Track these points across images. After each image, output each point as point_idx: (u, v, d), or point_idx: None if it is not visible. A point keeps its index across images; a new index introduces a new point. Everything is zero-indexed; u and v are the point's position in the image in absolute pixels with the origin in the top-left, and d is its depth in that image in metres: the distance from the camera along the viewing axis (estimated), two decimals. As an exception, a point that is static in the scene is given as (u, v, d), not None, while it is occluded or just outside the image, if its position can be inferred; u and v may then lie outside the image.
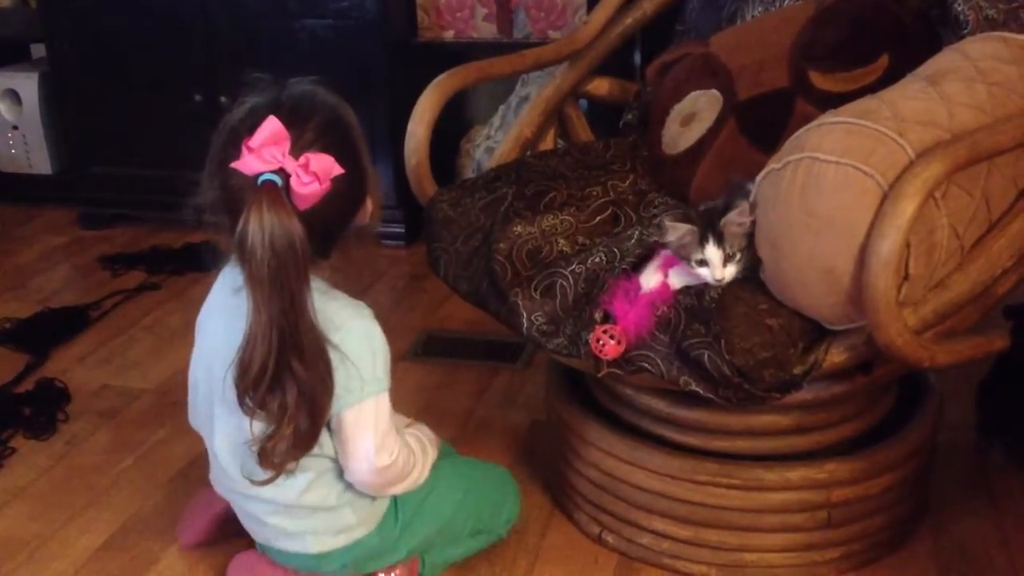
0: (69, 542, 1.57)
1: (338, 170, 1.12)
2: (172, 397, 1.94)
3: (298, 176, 1.09)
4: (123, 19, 2.75)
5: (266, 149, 1.09)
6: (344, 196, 1.17)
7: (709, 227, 1.24)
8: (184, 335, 1.34)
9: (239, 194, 1.11)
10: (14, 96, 2.97)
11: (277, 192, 1.09)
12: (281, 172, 1.09)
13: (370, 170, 1.23)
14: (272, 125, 1.09)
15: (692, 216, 1.28)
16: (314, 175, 1.10)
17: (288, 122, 1.10)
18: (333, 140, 1.15)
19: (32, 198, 3.06)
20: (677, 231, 1.25)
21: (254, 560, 1.40)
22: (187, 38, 2.70)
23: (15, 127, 2.99)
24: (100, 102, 2.82)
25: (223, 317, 1.21)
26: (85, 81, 2.82)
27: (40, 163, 3.02)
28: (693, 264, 1.25)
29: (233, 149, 1.11)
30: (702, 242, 1.23)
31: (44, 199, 3.04)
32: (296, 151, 1.11)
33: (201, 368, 1.30)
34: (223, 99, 2.58)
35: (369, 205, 1.24)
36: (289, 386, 1.14)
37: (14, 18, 2.97)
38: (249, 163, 1.09)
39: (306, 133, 1.13)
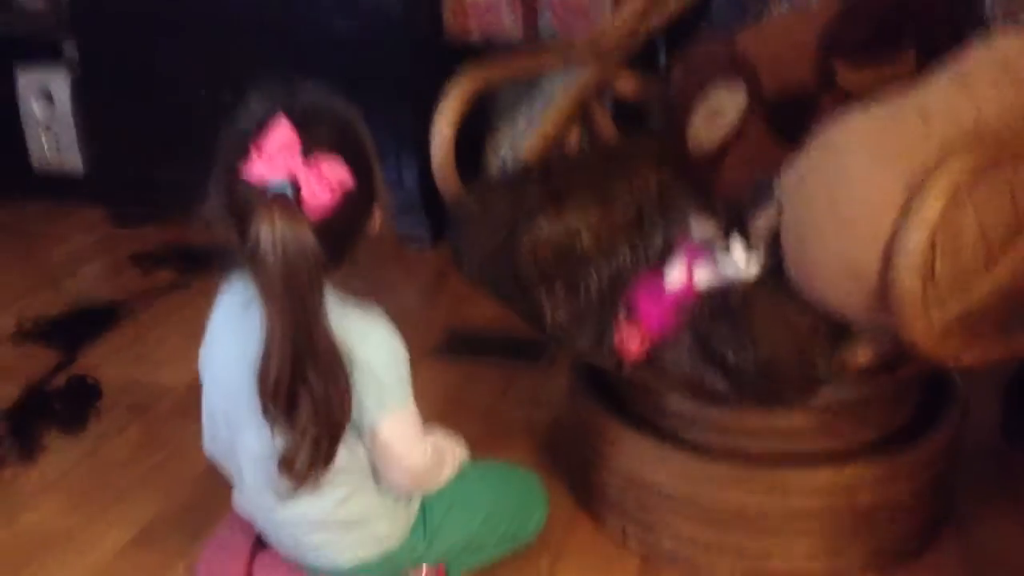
0: (99, 537, 1.59)
1: (348, 177, 1.10)
2: (200, 394, 1.95)
3: (309, 185, 1.07)
4: (151, 19, 2.78)
5: (276, 154, 1.06)
6: (354, 205, 1.13)
7: (735, 222, 1.23)
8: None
9: (247, 202, 1.07)
10: (46, 95, 3.01)
11: (288, 201, 1.06)
12: (291, 178, 1.07)
13: (380, 180, 1.20)
14: (283, 129, 1.07)
15: (718, 211, 1.28)
16: (326, 183, 1.07)
17: (299, 126, 1.08)
18: (344, 146, 1.12)
19: (64, 197, 3.09)
20: (704, 228, 1.24)
21: (280, 564, 1.40)
22: (214, 37, 2.72)
23: (47, 126, 3.03)
24: (130, 101, 2.85)
25: (234, 335, 1.19)
26: (115, 80, 2.86)
27: (72, 162, 3.05)
28: (718, 260, 1.24)
29: (241, 154, 1.07)
30: (727, 237, 1.23)
31: (76, 198, 3.07)
32: (307, 155, 1.08)
33: (217, 394, 1.28)
34: (256, 92, 2.59)
35: (378, 214, 1.21)
36: (304, 398, 1.12)
37: (46, 18, 3.01)
38: (258, 169, 1.06)
39: (316, 138, 1.09)
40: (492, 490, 1.44)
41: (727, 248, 1.23)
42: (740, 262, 1.23)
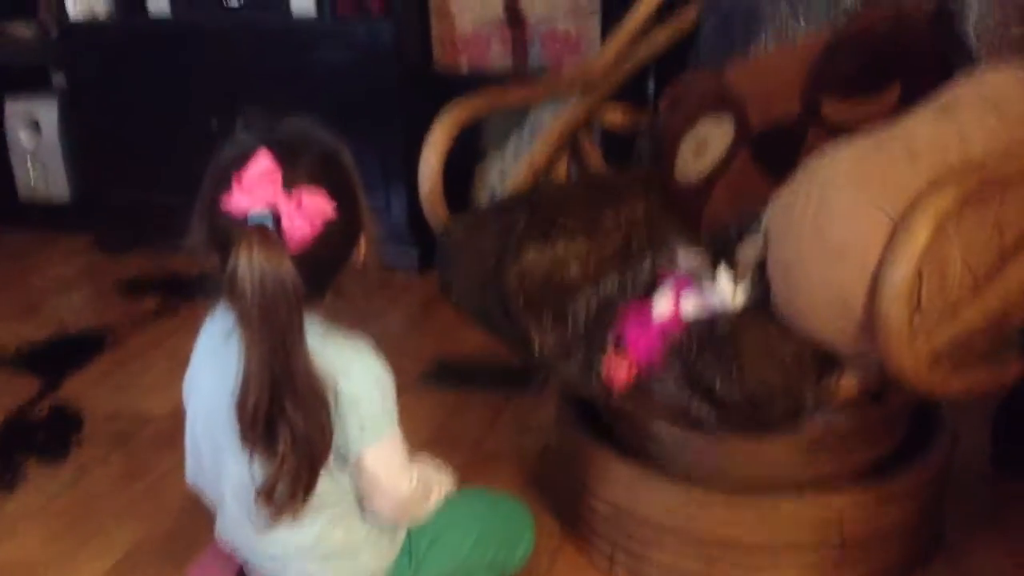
0: (79, 567, 1.57)
1: (330, 209, 1.09)
2: (183, 423, 1.94)
3: (289, 216, 1.06)
4: (140, 48, 2.79)
5: (257, 184, 1.05)
6: (337, 235, 1.12)
7: (721, 253, 1.24)
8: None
9: (228, 233, 1.06)
10: (33, 124, 3.01)
11: (267, 232, 1.05)
12: (272, 208, 1.06)
13: (365, 210, 1.19)
14: (263, 160, 1.06)
15: (704, 243, 1.28)
16: (306, 215, 1.07)
17: (280, 157, 1.07)
18: (327, 177, 1.11)
19: (50, 224, 3.09)
20: (690, 259, 1.25)
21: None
22: (203, 66, 2.73)
23: (34, 154, 3.03)
24: (117, 129, 2.86)
25: (216, 365, 1.18)
26: (103, 109, 2.86)
27: (58, 190, 3.05)
28: (705, 291, 1.24)
29: (223, 186, 1.07)
30: (714, 267, 1.23)
31: (62, 225, 3.07)
32: (288, 187, 1.07)
33: (200, 423, 1.27)
34: (240, 123, 2.60)
35: (363, 244, 1.20)
36: (283, 430, 1.11)
37: (34, 47, 3.02)
38: (239, 199, 1.06)
39: (299, 169, 1.08)
40: (479, 519, 1.42)
41: (714, 279, 1.23)
42: (727, 293, 1.23)
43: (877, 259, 1.11)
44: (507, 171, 2.74)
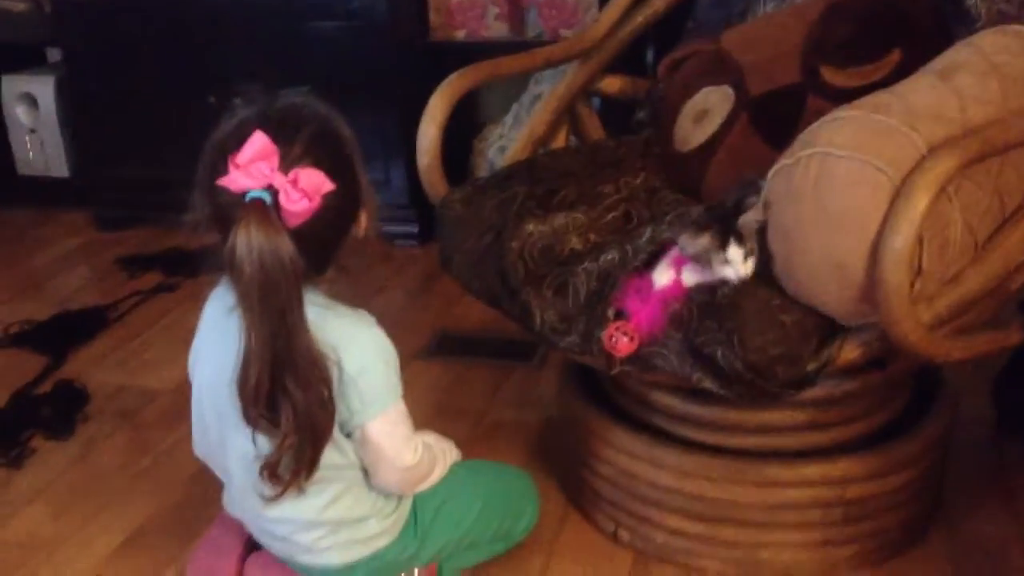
0: (88, 542, 1.58)
1: (328, 185, 1.09)
2: (188, 398, 1.95)
3: (287, 193, 1.06)
4: (136, 22, 2.77)
5: (253, 165, 1.05)
6: (337, 210, 1.13)
7: (727, 229, 1.23)
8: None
9: (228, 211, 1.07)
10: (31, 100, 3.00)
11: (265, 209, 1.05)
12: (269, 188, 1.06)
13: (364, 182, 1.19)
14: (259, 140, 1.06)
15: (705, 222, 1.26)
16: (303, 192, 1.07)
17: (276, 136, 1.07)
18: (324, 153, 1.11)
19: (49, 201, 3.08)
20: (696, 242, 1.23)
21: (271, 564, 1.39)
22: (199, 40, 2.71)
23: (32, 130, 3.02)
24: (115, 105, 2.84)
25: (220, 338, 1.18)
26: (100, 85, 2.85)
27: (57, 166, 3.04)
28: (715, 267, 1.23)
29: (221, 165, 1.07)
30: (723, 245, 1.22)
31: (61, 202, 3.07)
32: (285, 166, 1.07)
33: (206, 395, 1.27)
34: (236, 101, 2.59)
35: (364, 218, 1.20)
36: (285, 406, 1.12)
37: (29, 23, 2.99)
38: (236, 179, 1.06)
39: (295, 147, 1.09)
40: (484, 489, 1.44)
41: (725, 252, 1.22)
42: (738, 265, 1.22)
43: (877, 225, 1.11)
44: (506, 142, 2.73)
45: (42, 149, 3.03)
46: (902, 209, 1.09)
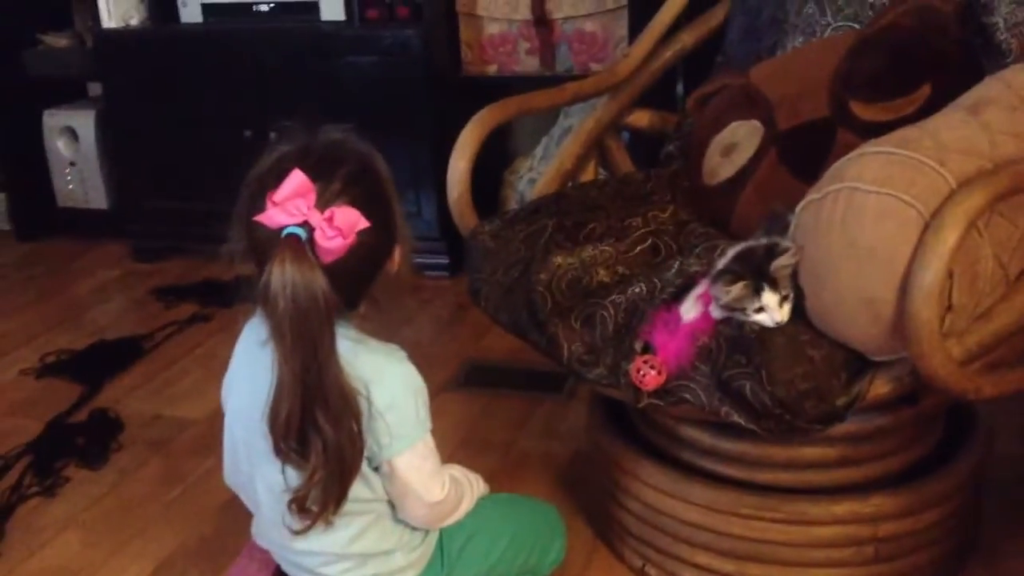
0: (119, 571, 1.60)
1: (364, 223, 1.10)
2: (220, 427, 1.96)
3: (322, 230, 1.07)
4: (174, 58, 2.83)
5: (290, 202, 1.07)
6: (371, 247, 1.14)
7: (761, 275, 1.22)
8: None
9: (264, 245, 1.09)
10: (71, 133, 3.07)
11: (300, 245, 1.07)
12: (305, 225, 1.08)
13: (399, 220, 1.20)
14: (297, 178, 1.07)
15: (737, 269, 1.25)
16: (338, 229, 1.08)
17: (314, 174, 1.08)
18: (360, 191, 1.12)
19: (88, 232, 3.14)
20: (731, 292, 1.22)
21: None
22: (236, 76, 2.77)
23: (72, 163, 3.09)
24: (153, 139, 2.90)
25: (253, 370, 1.19)
26: (139, 119, 2.91)
27: (96, 198, 3.11)
28: (751, 314, 1.22)
29: (259, 200, 1.09)
30: (757, 291, 1.21)
31: (100, 233, 3.13)
32: (321, 204, 1.09)
33: (238, 425, 1.29)
34: (272, 135, 2.64)
35: (398, 255, 1.21)
36: (315, 440, 1.13)
37: (71, 58, 3.07)
38: (273, 216, 1.08)
39: (332, 185, 1.10)
40: (511, 522, 1.43)
41: (759, 299, 1.21)
42: (774, 312, 1.21)
43: (907, 260, 1.11)
44: (536, 175, 2.75)
45: (82, 181, 3.09)
46: (932, 244, 1.08)
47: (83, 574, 1.59)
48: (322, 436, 1.12)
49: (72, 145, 3.08)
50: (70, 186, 3.11)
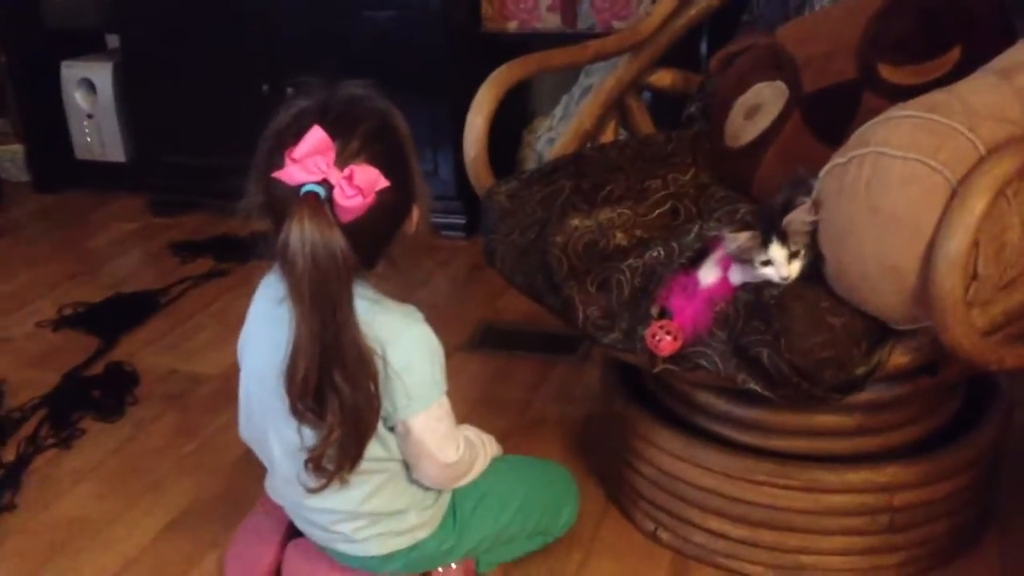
0: (134, 524, 1.61)
1: (383, 182, 1.09)
2: (235, 383, 1.96)
3: (341, 188, 1.06)
4: (192, 11, 2.80)
5: (309, 159, 1.06)
6: (390, 207, 1.13)
7: (771, 227, 1.21)
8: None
9: (282, 203, 1.08)
10: (89, 85, 3.05)
11: (319, 203, 1.06)
12: (324, 183, 1.07)
13: (418, 180, 1.19)
14: (316, 135, 1.06)
15: (749, 220, 1.25)
16: (358, 188, 1.06)
17: (333, 131, 1.07)
18: (380, 150, 1.11)
19: (105, 185, 3.14)
20: (737, 240, 1.21)
21: (312, 551, 1.41)
22: (254, 30, 2.74)
23: (90, 116, 3.08)
24: (170, 92, 2.89)
25: (269, 328, 1.19)
26: (156, 71, 2.89)
27: (113, 151, 3.10)
28: (757, 265, 1.21)
29: (277, 156, 1.08)
30: (765, 243, 1.20)
31: (117, 186, 3.12)
32: (341, 161, 1.07)
33: (253, 382, 1.29)
34: (289, 90, 2.62)
35: (416, 215, 1.21)
36: (331, 400, 1.13)
37: (89, 9, 3.05)
38: (292, 173, 1.06)
39: (352, 142, 1.09)
40: (523, 484, 1.43)
41: (766, 251, 1.20)
42: (781, 266, 1.20)
43: (932, 227, 1.08)
44: (555, 135, 2.72)
45: (99, 134, 3.09)
46: (959, 212, 1.06)
47: (98, 526, 1.61)
48: (339, 396, 1.12)
49: (90, 97, 3.06)
50: (87, 138, 3.11)
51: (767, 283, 1.22)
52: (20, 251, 2.78)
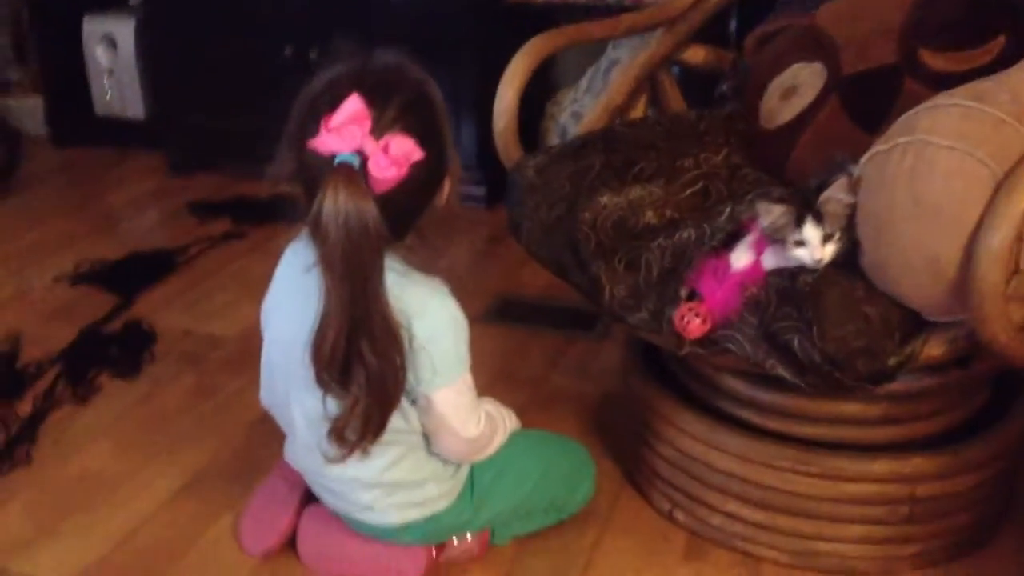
0: (148, 483, 1.61)
1: (418, 154, 1.08)
2: (253, 346, 1.96)
3: (376, 159, 1.05)
4: (219, -31, 2.78)
5: (345, 128, 1.05)
6: (423, 179, 1.12)
7: (806, 206, 1.19)
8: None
9: (315, 171, 1.07)
10: (110, 41, 3.03)
11: (353, 174, 1.05)
12: (359, 153, 1.05)
13: (451, 152, 1.18)
14: (353, 104, 1.05)
15: (786, 197, 1.23)
16: (393, 159, 1.05)
17: (370, 100, 1.06)
18: (416, 121, 1.09)
19: (124, 142, 3.13)
20: (772, 213, 1.20)
21: (327, 517, 1.41)
22: (279, -8, 2.71)
23: (111, 71, 3.06)
24: (192, 51, 2.86)
25: (295, 296, 1.18)
26: (178, 29, 2.87)
27: (133, 108, 3.08)
28: (790, 246, 1.20)
29: (312, 124, 1.07)
30: (799, 222, 1.19)
31: (136, 143, 3.11)
32: (377, 132, 1.06)
33: (277, 350, 1.29)
34: (312, 54, 2.59)
35: (447, 188, 1.19)
36: (358, 370, 1.12)
37: (113, -37, 3.02)
38: (327, 142, 1.05)
39: (388, 112, 1.07)
40: (541, 459, 1.43)
41: (799, 230, 1.19)
42: (814, 248, 1.18)
43: (975, 220, 1.07)
44: (579, 107, 2.69)
45: (120, 90, 3.06)
46: (1003, 205, 1.04)
47: (113, 483, 1.61)
48: (365, 367, 1.12)
49: (111, 53, 3.04)
50: (108, 95, 3.08)
51: (802, 269, 1.20)
52: (38, 205, 2.77)
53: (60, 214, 2.69)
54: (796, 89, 1.54)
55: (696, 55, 1.88)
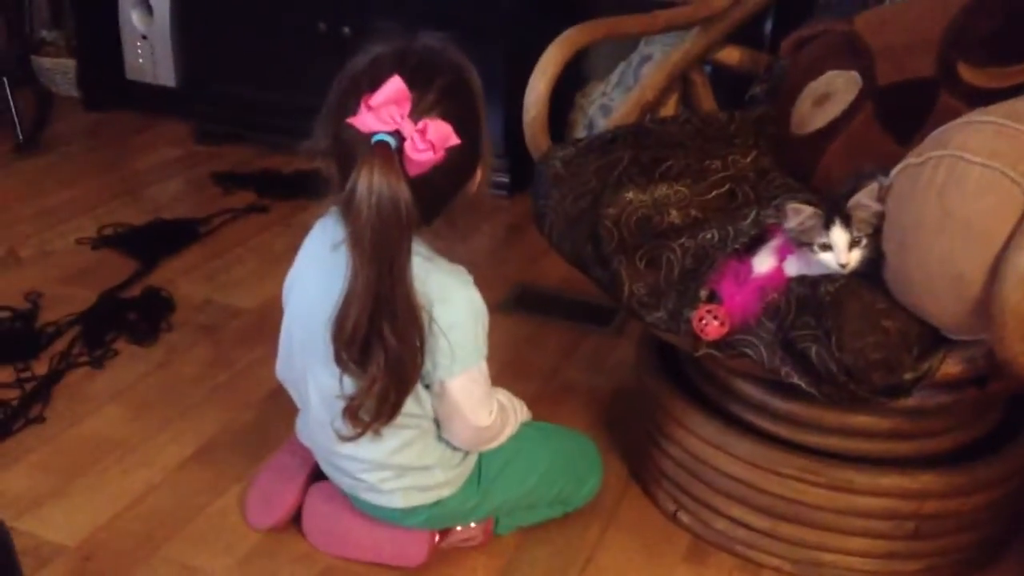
0: (159, 450, 1.62)
1: (455, 140, 1.08)
2: (271, 319, 1.97)
3: (413, 142, 1.05)
4: (257, -59, 2.77)
5: (385, 108, 1.05)
6: (457, 165, 1.12)
7: (835, 210, 1.18)
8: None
9: (351, 149, 1.07)
10: (146, 6, 3.03)
11: (390, 154, 1.05)
12: (397, 134, 1.06)
13: (486, 139, 1.18)
14: (395, 84, 1.05)
15: (815, 200, 1.23)
16: (430, 143, 1.05)
17: (411, 81, 1.06)
18: (454, 106, 1.09)
19: (153, 108, 3.13)
20: (800, 213, 1.19)
21: (334, 495, 1.41)
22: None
23: (144, 37, 3.06)
24: (227, 21, 2.86)
25: (320, 272, 1.19)
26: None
27: (165, 75, 3.09)
28: (816, 249, 1.19)
29: (352, 101, 1.07)
30: (827, 225, 1.18)
31: (165, 110, 3.12)
32: (416, 114, 1.06)
33: (297, 325, 1.29)
34: (346, 30, 2.59)
35: (479, 176, 1.20)
36: (377, 351, 1.12)
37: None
38: (366, 121, 1.05)
39: (428, 95, 1.07)
40: (549, 451, 1.43)
41: (826, 233, 1.18)
42: (840, 252, 1.17)
43: (1004, 238, 1.06)
44: (608, 101, 2.68)
45: (152, 56, 3.07)
46: (1033, 227, 1.03)
47: (124, 448, 1.62)
48: (385, 348, 1.12)
49: (146, 18, 3.05)
50: (140, 60, 3.09)
51: (824, 278, 1.19)
52: (65, 166, 2.78)
53: (86, 176, 2.71)
54: (830, 96, 1.53)
55: (731, 55, 1.87)
